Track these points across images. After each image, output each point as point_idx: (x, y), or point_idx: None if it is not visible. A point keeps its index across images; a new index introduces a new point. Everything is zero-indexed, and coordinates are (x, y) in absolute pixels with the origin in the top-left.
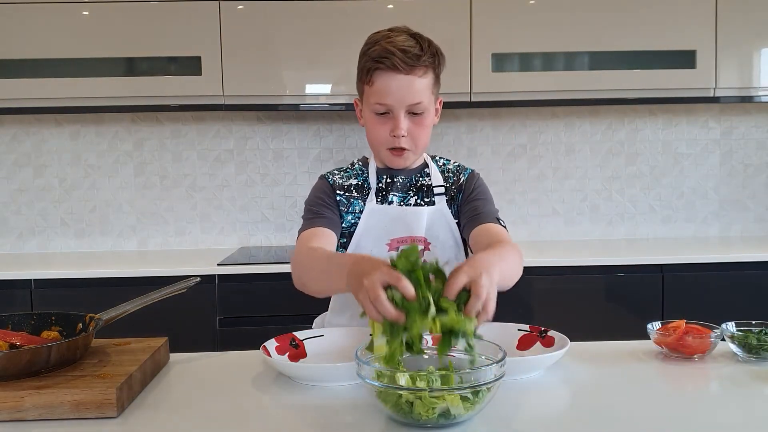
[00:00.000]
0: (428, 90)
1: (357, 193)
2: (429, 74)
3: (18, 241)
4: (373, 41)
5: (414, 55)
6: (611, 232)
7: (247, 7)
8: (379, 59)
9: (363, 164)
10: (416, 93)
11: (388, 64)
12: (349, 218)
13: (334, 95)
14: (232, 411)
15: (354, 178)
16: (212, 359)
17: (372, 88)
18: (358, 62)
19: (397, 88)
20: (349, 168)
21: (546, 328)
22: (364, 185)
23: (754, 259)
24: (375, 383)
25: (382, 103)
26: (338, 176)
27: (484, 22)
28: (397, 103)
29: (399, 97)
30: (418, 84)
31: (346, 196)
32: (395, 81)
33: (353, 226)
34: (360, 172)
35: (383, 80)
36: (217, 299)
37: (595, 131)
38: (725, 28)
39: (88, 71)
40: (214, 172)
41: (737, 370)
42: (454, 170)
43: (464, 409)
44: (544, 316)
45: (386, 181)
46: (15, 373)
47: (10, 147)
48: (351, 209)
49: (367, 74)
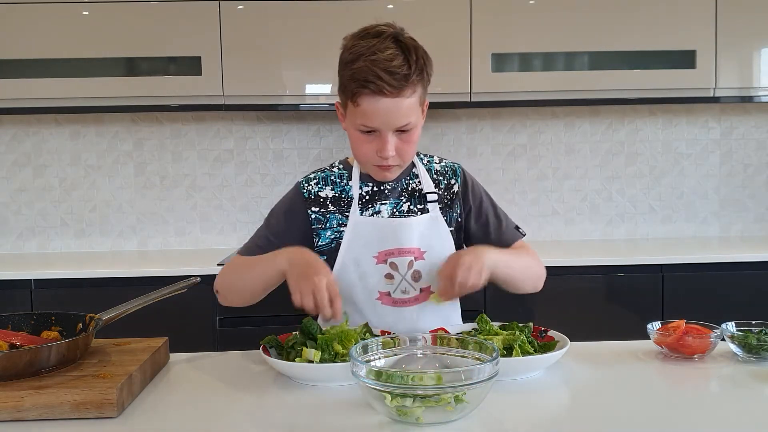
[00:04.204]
0: (417, 106)
1: (333, 207)
2: (418, 89)
3: (18, 241)
4: (357, 54)
5: (402, 75)
6: (611, 232)
7: (247, 7)
8: (366, 82)
9: (344, 167)
10: (404, 114)
11: (374, 89)
12: (327, 234)
13: (334, 95)
14: (232, 411)
15: (331, 188)
16: (212, 359)
17: (358, 110)
18: (340, 70)
19: (385, 111)
20: (327, 170)
21: (546, 328)
22: (342, 196)
23: (754, 259)
24: (368, 382)
25: (368, 126)
26: (314, 183)
27: (484, 22)
28: (384, 126)
29: (386, 121)
30: (406, 104)
31: (321, 212)
32: (383, 104)
33: (333, 242)
34: (339, 179)
35: (369, 103)
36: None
37: (595, 131)
38: (725, 28)
39: (88, 71)
40: (214, 172)
41: (737, 370)
42: (442, 171)
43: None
44: (544, 316)
45: (372, 189)
46: (15, 373)
47: (10, 147)
48: (329, 224)
49: (353, 95)
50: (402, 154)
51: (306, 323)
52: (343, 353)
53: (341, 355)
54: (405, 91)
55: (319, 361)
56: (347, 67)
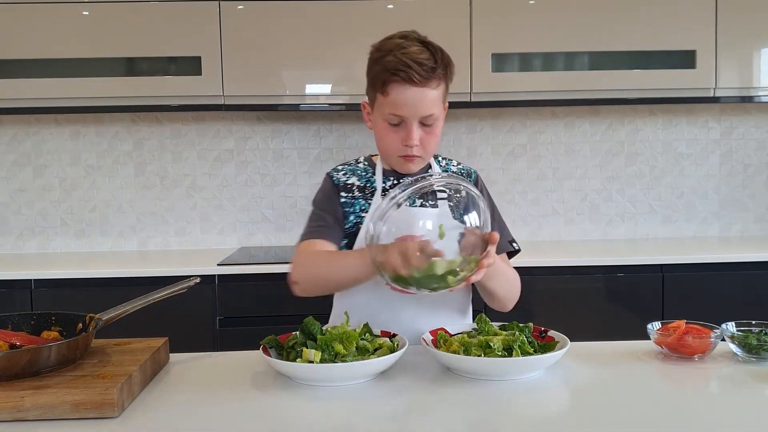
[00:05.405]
0: (440, 100)
1: (359, 193)
2: (441, 85)
3: (18, 241)
4: (387, 50)
5: (429, 67)
6: (611, 232)
7: (247, 7)
8: (395, 71)
9: (368, 164)
10: (429, 105)
11: (403, 77)
12: (351, 218)
13: (334, 95)
14: (232, 411)
15: (357, 177)
16: (212, 359)
17: (386, 99)
18: (369, 69)
19: (411, 99)
20: (353, 164)
21: (546, 328)
22: (367, 185)
23: (754, 259)
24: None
25: (396, 114)
26: (342, 173)
27: (484, 22)
28: (410, 115)
29: (413, 109)
30: (432, 95)
31: (349, 197)
32: (410, 93)
33: (355, 226)
34: (364, 172)
35: (398, 92)
36: (217, 299)
37: (595, 131)
38: (725, 28)
39: (88, 71)
40: (214, 172)
41: (737, 370)
42: (458, 173)
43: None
44: (544, 316)
45: (393, 183)
46: (15, 373)
47: (10, 147)
48: (353, 209)
49: (382, 84)
50: (425, 145)
51: (306, 323)
52: (344, 353)
53: (341, 355)
54: (431, 82)
55: (319, 361)
56: (377, 63)
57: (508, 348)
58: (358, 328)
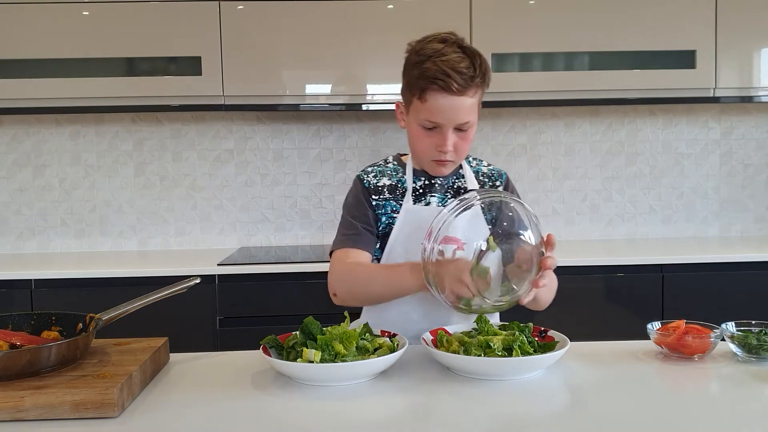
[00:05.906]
0: (476, 107)
1: (389, 194)
2: (478, 93)
3: (18, 241)
4: (426, 56)
5: (468, 77)
6: (611, 232)
7: (247, 7)
8: (435, 79)
9: (398, 163)
10: (466, 113)
11: (442, 85)
12: (383, 220)
13: (334, 95)
14: (232, 411)
15: (387, 178)
16: (212, 359)
17: (423, 105)
18: (406, 71)
19: (449, 107)
20: (383, 165)
21: (546, 328)
22: (398, 185)
23: (754, 259)
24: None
25: (432, 120)
26: (372, 175)
27: (484, 22)
28: (447, 122)
29: (450, 117)
30: (469, 103)
31: (380, 199)
32: (448, 101)
33: (387, 227)
34: (394, 172)
35: (436, 99)
36: (217, 299)
37: (595, 131)
38: (725, 28)
39: (88, 71)
40: (214, 172)
41: (737, 370)
42: (489, 174)
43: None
44: (544, 316)
45: (425, 183)
46: (15, 373)
47: (10, 147)
48: (384, 211)
49: (420, 91)
50: (458, 150)
51: (306, 323)
52: (344, 353)
53: (341, 355)
54: (469, 91)
55: (320, 361)
56: (416, 67)
57: (508, 348)
58: (358, 328)
